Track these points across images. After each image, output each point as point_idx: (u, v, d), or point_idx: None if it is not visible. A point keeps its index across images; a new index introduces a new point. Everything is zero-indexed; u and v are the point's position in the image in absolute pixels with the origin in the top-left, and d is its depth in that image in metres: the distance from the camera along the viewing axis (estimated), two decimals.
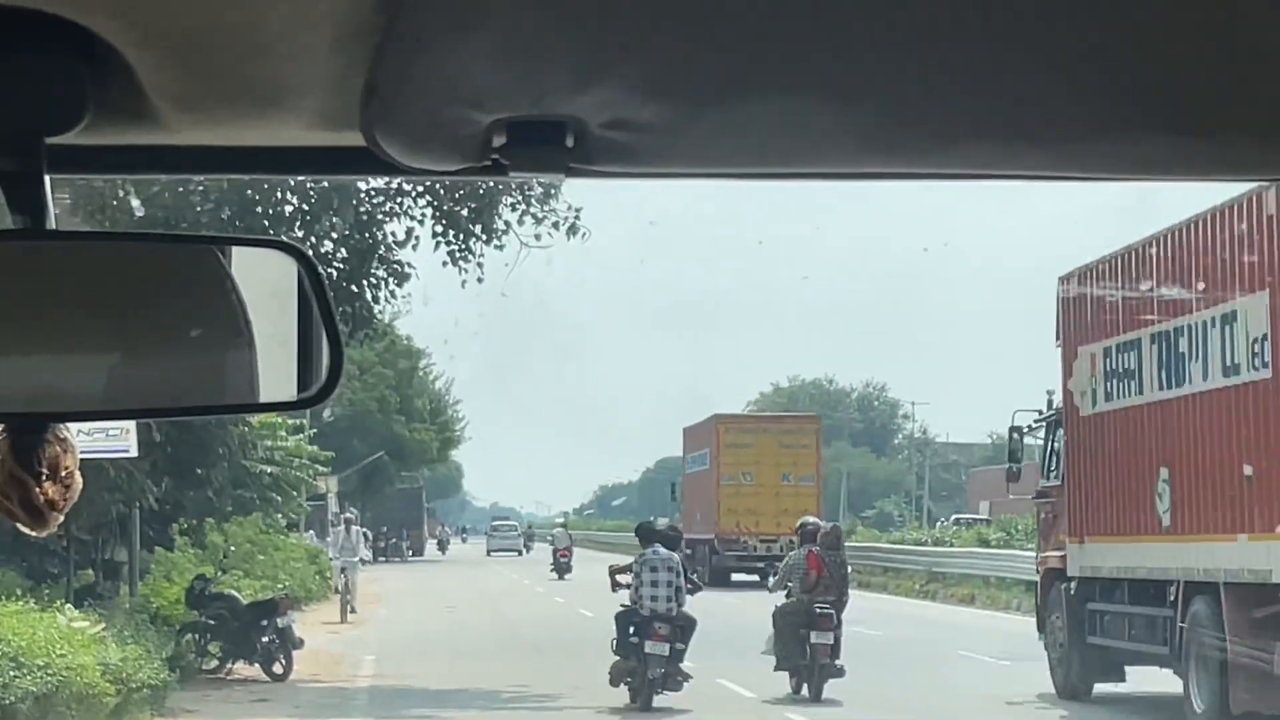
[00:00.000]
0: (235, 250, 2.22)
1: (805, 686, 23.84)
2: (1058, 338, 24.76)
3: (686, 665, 22.63)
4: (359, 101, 1.92)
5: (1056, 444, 25.51)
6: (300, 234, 26.38)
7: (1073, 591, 23.80)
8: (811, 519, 27.41)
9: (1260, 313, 18.65)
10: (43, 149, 2.03)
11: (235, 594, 27.71)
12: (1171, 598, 20.63)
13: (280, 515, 38.22)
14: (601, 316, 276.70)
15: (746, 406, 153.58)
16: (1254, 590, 18.89)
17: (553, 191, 27.60)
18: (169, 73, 1.98)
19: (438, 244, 27.48)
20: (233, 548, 34.37)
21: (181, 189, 25.72)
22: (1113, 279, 22.90)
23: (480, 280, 27.85)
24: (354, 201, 27.07)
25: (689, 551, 35.21)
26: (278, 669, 26.07)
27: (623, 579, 23.35)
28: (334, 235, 26.93)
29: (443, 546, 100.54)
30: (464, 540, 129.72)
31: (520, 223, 27.56)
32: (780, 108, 1.89)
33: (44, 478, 2.10)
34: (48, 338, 2.12)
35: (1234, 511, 19.43)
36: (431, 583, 60.38)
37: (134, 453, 21.52)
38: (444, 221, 27.34)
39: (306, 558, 43.82)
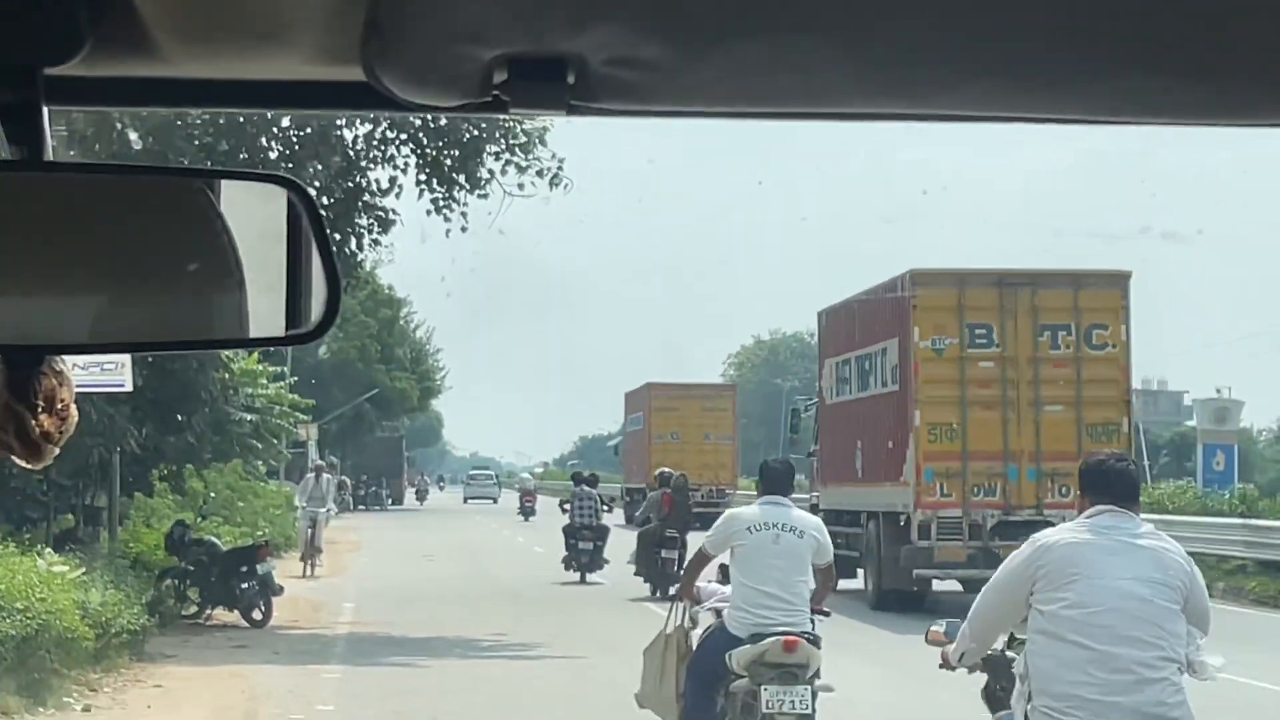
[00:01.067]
0: (231, 184, 2.22)
1: (657, 590, 30.85)
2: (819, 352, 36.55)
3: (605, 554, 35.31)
4: (359, 36, 1.91)
5: (816, 422, 35.79)
6: None
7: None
8: (667, 469, 35.00)
9: (893, 351, 30.10)
10: (40, 80, 2.02)
11: (215, 540, 27.69)
12: (861, 521, 31.00)
13: (260, 463, 38.19)
14: (587, 266, 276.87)
15: (727, 359, 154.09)
16: (894, 516, 29.32)
17: (537, 141, 27.53)
18: (168, 4, 1.97)
19: (421, 192, 27.41)
20: (213, 494, 34.36)
21: (160, 137, 25.62)
22: (840, 318, 33.99)
23: (464, 229, 27.82)
24: (339, 148, 27.00)
25: (628, 498, 54.20)
26: (257, 615, 26.07)
27: (566, 506, 36.75)
28: (317, 182, 26.83)
29: (421, 495, 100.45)
30: (441, 489, 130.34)
31: (504, 172, 27.49)
32: (782, 46, 1.88)
33: (40, 410, 2.10)
34: (44, 270, 2.11)
35: (884, 469, 30.14)
36: (410, 531, 60.48)
37: (130, 387, 21.45)
38: (428, 169, 27.26)
39: (286, 505, 43.57)
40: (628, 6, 1.81)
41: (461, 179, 27.35)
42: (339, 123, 26.61)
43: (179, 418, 29.44)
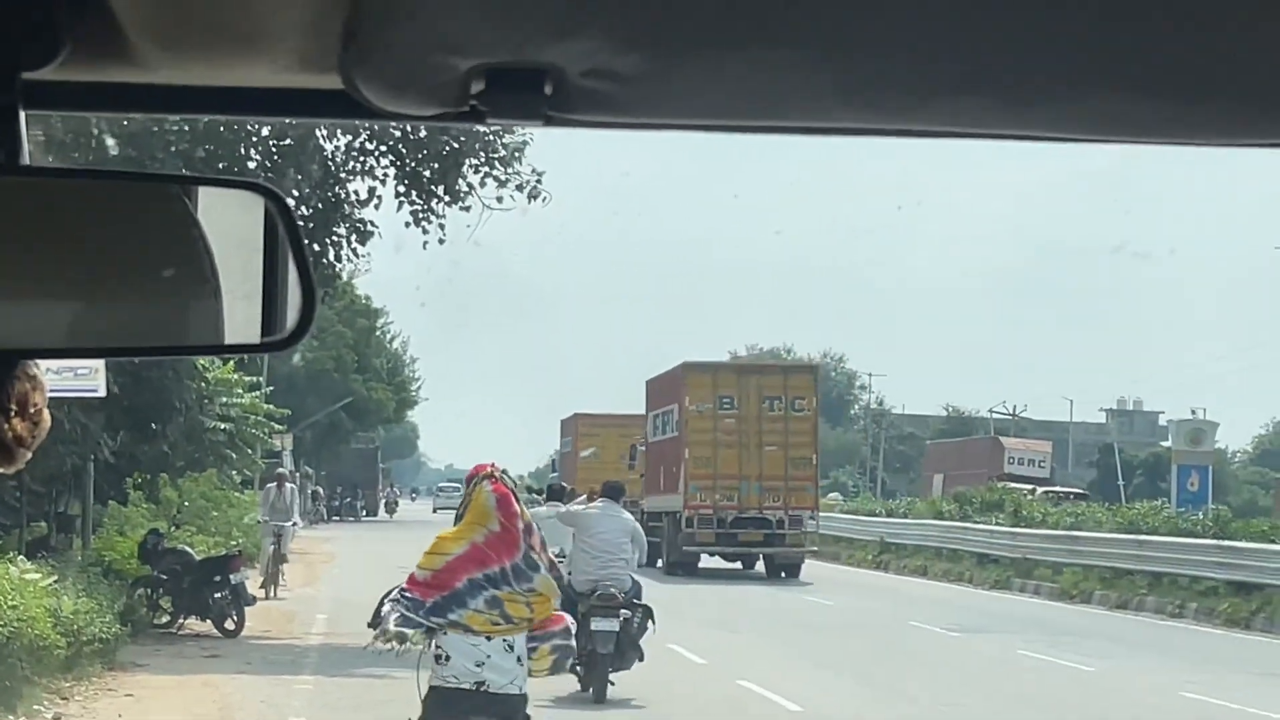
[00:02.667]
0: (207, 190, 2.22)
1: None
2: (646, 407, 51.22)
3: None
4: (338, 44, 1.92)
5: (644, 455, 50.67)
6: None
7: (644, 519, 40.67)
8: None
9: (676, 411, 46.03)
10: (18, 84, 2.02)
11: (188, 550, 27.63)
12: (660, 518, 45.90)
13: (235, 472, 38.12)
14: (563, 278, 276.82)
15: None
16: (675, 514, 45.37)
17: (516, 154, 27.54)
18: (147, 9, 1.97)
19: (400, 204, 27.40)
20: (186, 503, 34.27)
21: (140, 145, 25.58)
22: (654, 386, 50.13)
23: (442, 241, 27.80)
24: (318, 158, 26.98)
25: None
26: (229, 625, 26.02)
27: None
28: (296, 192, 26.80)
29: (390, 508, 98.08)
30: (413, 499, 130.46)
31: (483, 184, 27.49)
32: (759, 60, 1.89)
33: (12, 414, 2.09)
34: (19, 273, 2.10)
35: (671, 485, 46.22)
36: (385, 543, 60.31)
37: (103, 392, 21.37)
38: (407, 181, 27.26)
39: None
40: (606, 19, 1.82)
41: (440, 191, 27.35)
42: (319, 133, 26.59)
43: (154, 426, 29.37)
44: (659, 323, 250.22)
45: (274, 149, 26.73)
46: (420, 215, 27.41)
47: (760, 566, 46.20)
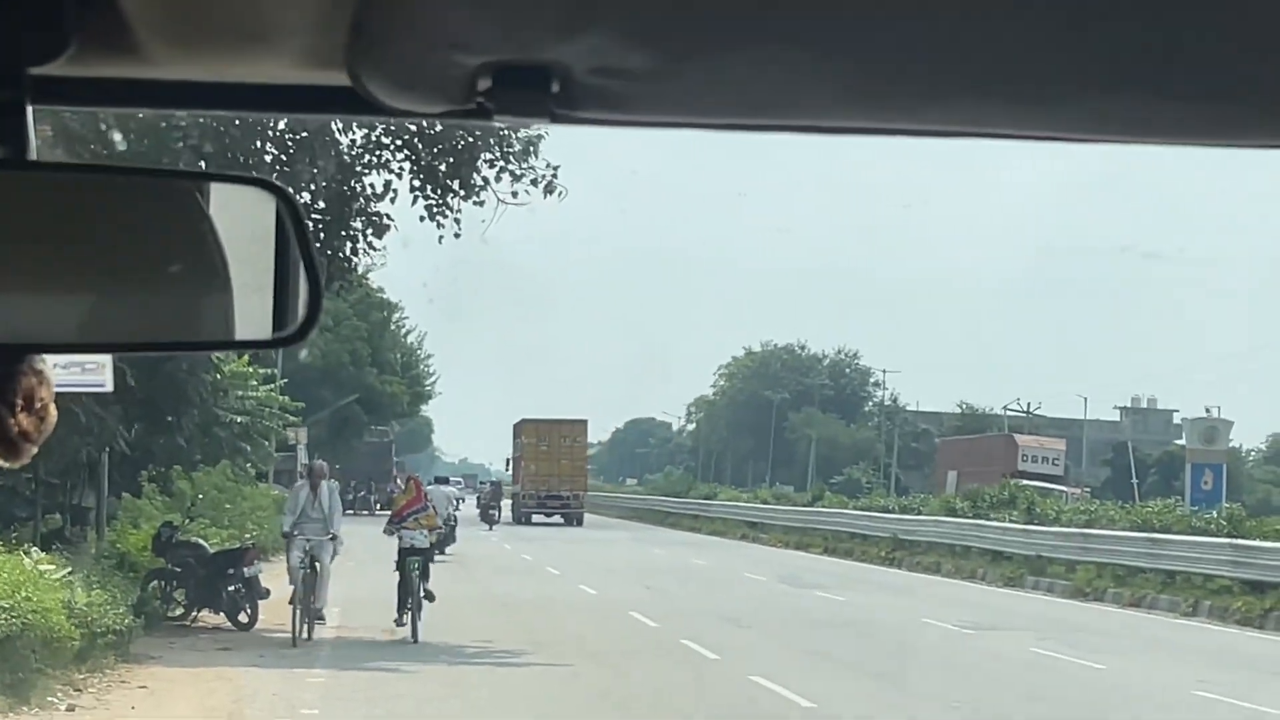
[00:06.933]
0: (216, 187, 2.22)
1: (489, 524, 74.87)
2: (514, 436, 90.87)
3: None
4: (345, 41, 1.91)
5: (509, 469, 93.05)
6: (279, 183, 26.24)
7: (518, 498, 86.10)
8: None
9: (517, 446, 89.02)
10: (25, 79, 2.02)
11: (202, 542, 27.66)
12: (513, 495, 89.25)
13: (249, 465, 38.11)
14: (577, 273, 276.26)
15: (718, 370, 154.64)
16: (518, 493, 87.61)
17: (531, 149, 27.51)
18: (154, 5, 1.97)
19: (415, 198, 27.39)
20: (200, 496, 34.29)
21: (154, 138, 25.60)
22: (517, 428, 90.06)
23: (457, 235, 27.78)
24: (333, 152, 26.98)
25: (509, 499, 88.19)
26: (243, 618, 26.03)
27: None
28: (312, 186, 26.81)
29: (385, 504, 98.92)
30: None
31: (498, 179, 27.47)
32: (764, 59, 1.88)
33: (18, 409, 2.10)
34: (26, 268, 2.10)
35: (517, 479, 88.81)
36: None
37: (109, 387, 21.34)
38: (422, 175, 27.25)
39: (275, 507, 43.30)
40: (612, 17, 1.81)
41: (455, 185, 27.33)
42: (334, 126, 26.59)
43: (169, 419, 29.41)
44: (670, 319, 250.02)
45: (289, 143, 26.72)
46: (435, 210, 27.40)
47: (559, 519, 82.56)
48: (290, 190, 2.18)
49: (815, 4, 1.77)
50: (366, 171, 27.35)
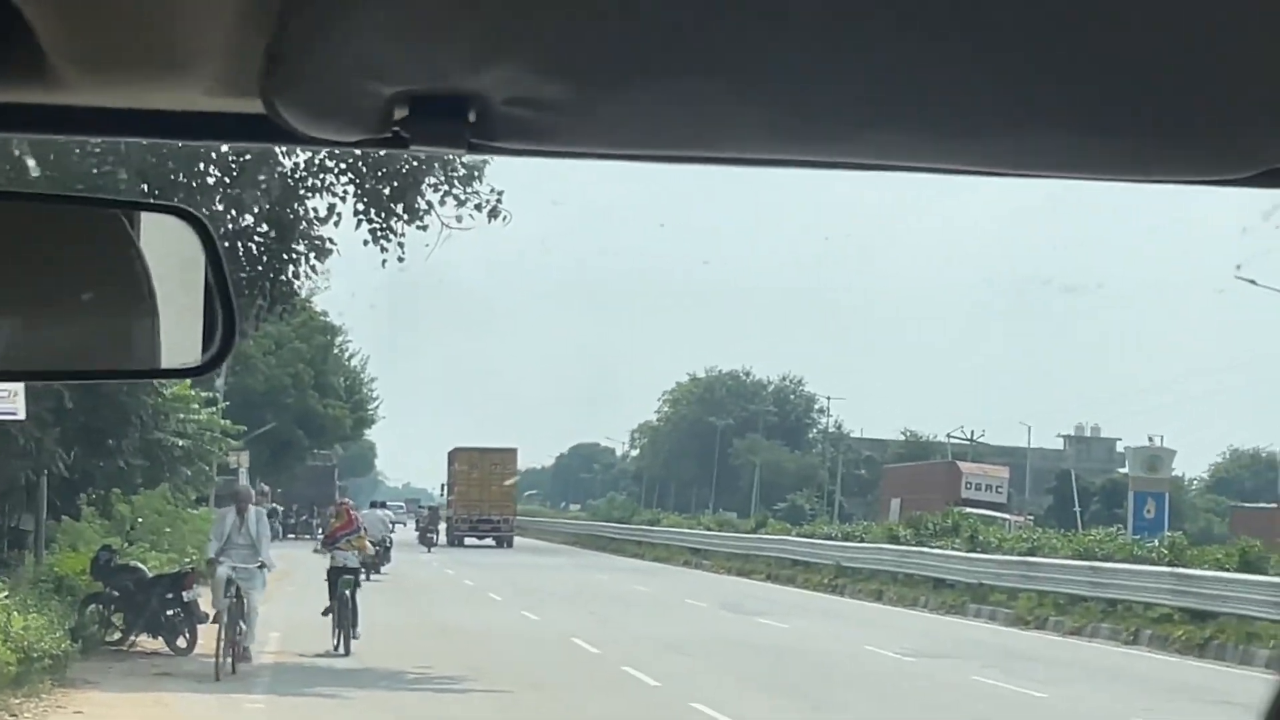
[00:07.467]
0: (138, 215, 2.19)
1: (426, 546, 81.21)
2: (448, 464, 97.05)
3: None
4: (260, 68, 1.89)
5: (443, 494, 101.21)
6: (221, 207, 26.18)
7: (451, 522, 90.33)
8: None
9: (449, 473, 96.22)
10: None
11: (141, 566, 27.51)
12: (448, 519, 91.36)
13: (190, 488, 37.92)
14: (521, 298, 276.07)
15: (663, 396, 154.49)
16: (451, 517, 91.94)
17: (475, 174, 27.49)
18: (68, 31, 1.94)
19: (359, 222, 27.33)
20: (140, 519, 34.11)
21: (96, 167, 25.51)
22: (450, 456, 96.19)
23: (401, 260, 27.74)
24: (276, 175, 26.91)
25: (444, 523, 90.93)
26: (181, 643, 25.89)
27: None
28: (255, 209, 26.74)
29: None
30: None
31: (442, 203, 27.44)
32: (683, 91, 1.87)
33: None
34: None
35: (451, 505, 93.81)
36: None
37: (22, 415, 21.16)
38: (366, 199, 27.20)
39: None
40: (529, 47, 1.80)
41: (399, 209, 27.29)
42: (278, 151, 26.52)
43: (109, 442, 29.26)
44: (615, 344, 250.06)
45: (232, 165, 26.64)
46: (379, 234, 27.35)
47: (490, 542, 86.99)
48: (204, 218, 2.16)
49: (732, 36, 1.75)
50: (310, 195, 27.29)
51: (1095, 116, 1.88)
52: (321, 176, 27.14)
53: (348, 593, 27.86)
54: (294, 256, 27.48)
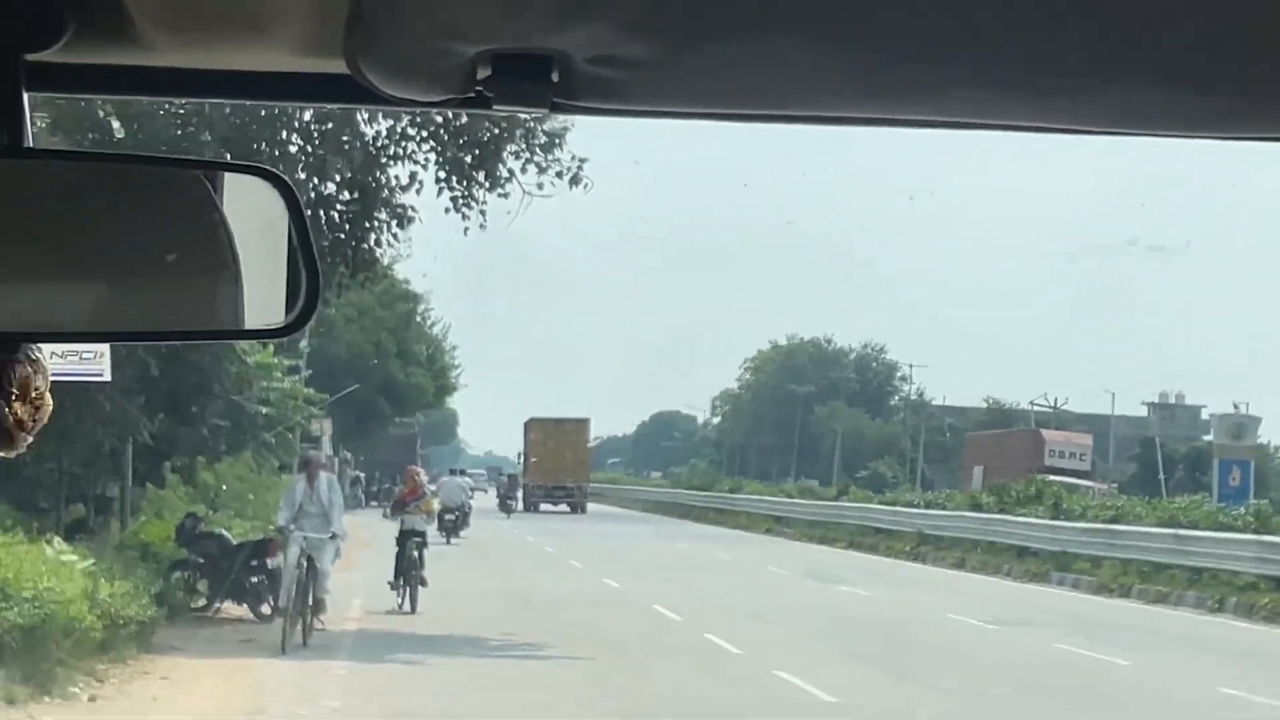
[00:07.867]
0: (221, 176, 2.19)
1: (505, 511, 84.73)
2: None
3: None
4: (343, 28, 1.89)
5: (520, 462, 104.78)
6: (303, 174, 26.27)
7: (527, 489, 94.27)
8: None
9: (524, 442, 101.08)
10: (21, 66, 2.00)
11: (225, 533, 27.68)
12: (523, 485, 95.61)
13: (273, 455, 38.14)
14: (602, 265, 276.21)
15: (744, 364, 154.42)
16: (529, 484, 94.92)
17: (557, 141, 27.50)
18: None
19: (440, 190, 27.38)
20: (224, 487, 34.35)
21: (180, 129, 25.64)
22: (526, 426, 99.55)
23: (482, 227, 27.77)
24: (358, 143, 26.99)
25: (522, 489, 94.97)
26: (265, 609, 26.05)
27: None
28: (337, 177, 26.83)
29: None
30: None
31: (524, 171, 27.46)
32: (766, 48, 1.85)
33: (14, 398, 2.08)
34: (21, 257, 2.08)
35: (525, 470, 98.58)
36: None
37: (107, 377, 21.26)
38: (447, 167, 27.24)
39: None
40: (613, 4, 1.79)
41: (481, 177, 27.32)
42: (360, 117, 26.59)
43: (193, 409, 29.45)
44: (695, 312, 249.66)
45: (314, 133, 26.74)
46: (460, 201, 27.39)
47: (564, 507, 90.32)
48: (288, 179, 2.15)
49: None
50: (391, 163, 27.34)
51: (1187, 72, 1.86)
52: (403, 144, 27.19)
53: (415, 553, 29.36)
54: (376, 224, 27.55)
